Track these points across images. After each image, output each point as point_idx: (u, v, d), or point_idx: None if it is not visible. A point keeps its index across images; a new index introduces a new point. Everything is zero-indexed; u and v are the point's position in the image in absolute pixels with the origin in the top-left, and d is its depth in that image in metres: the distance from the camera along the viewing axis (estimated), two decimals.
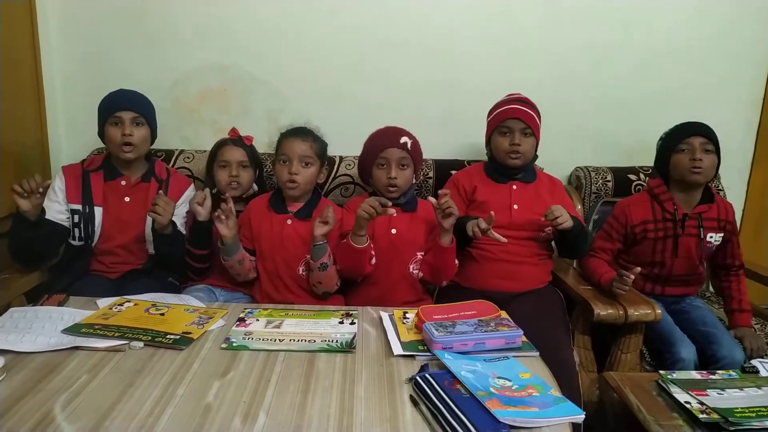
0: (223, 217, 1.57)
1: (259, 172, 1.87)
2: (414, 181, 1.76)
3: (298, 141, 1.67)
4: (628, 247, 1.81)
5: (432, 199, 1.55)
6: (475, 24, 2.15)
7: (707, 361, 1.59)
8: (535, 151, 1.82)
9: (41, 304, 1.38)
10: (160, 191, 1.67)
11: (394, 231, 1.68)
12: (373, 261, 1.65)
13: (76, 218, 1.71)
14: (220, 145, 1.81)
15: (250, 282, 1.72)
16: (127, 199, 1.75)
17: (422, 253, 1.70)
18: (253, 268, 1.69)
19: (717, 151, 1.70)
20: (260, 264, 1.69)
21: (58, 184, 1.72)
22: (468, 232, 1.61)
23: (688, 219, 1.73)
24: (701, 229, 1.73)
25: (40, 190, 1.53)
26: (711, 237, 1.75)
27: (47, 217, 1.65)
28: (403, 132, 1.71)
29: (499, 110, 1.81)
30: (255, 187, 1.86)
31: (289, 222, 1.68)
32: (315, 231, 1.57)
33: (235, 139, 1.80)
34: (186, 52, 2.14)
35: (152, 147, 1.84)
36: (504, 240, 1.58)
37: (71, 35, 2.12)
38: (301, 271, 1.67)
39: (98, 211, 1.72)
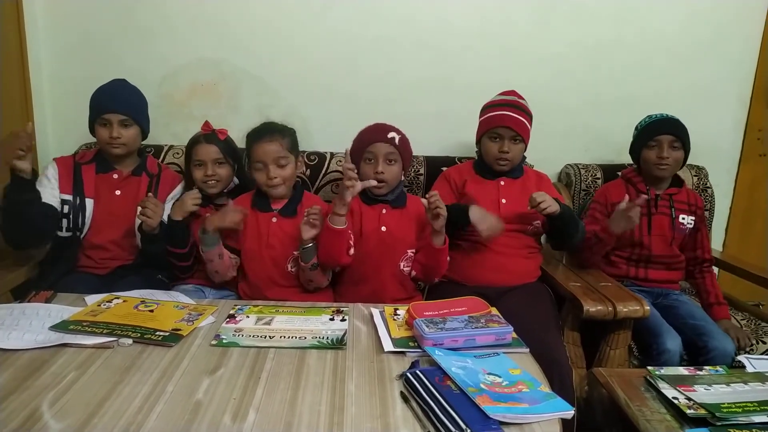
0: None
1: (238, 166, 1.79)
2: (402, 177, 1.76)
3: (268, 143, 1.61)
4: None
5: (423, 200, 1.56)
6: (468, 21, 2.15)
7: (699, 353, 1.61)
8: (523, 152, 1.83)
9: (28, 301, 1.36)
10: (150, 194, 1.65)
11: (383, 228, 1.68)
12: (351, 252, 1.62)
13: (66, 209, 1.68)
14: (193, 143, 1.71)
15: (238, 282, 1.70)
16: (117, 192, 1.74)
17: (413, 251, 1.70)
18: (233, 266, 1.65)
19: (684, 145, 1.83)
20: (247, 264, 1.66)
21: (51, 172, 1.70)
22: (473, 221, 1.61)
23: (660, 199, 1.88)
24: (672, 209, 1.88)
25: (33, 141, 1.51)
26: (683, 219, 1.89)
27: (42, 200, 1.59)
28: (391, 128, 1.71)
29: (490, 114, 1.81)
30: (236, 180, 1.80)
31: (274, 220, 1.66)
32: (303, 234, 1.56)
33: (208, 135, 1.71)
34: (177, 46, 2.13)
35: (142, 142, 1.81)
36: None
37: (59, 26, 2.09)
38: (289, 268, 1.66)
39: (89, 203, 1.70)
